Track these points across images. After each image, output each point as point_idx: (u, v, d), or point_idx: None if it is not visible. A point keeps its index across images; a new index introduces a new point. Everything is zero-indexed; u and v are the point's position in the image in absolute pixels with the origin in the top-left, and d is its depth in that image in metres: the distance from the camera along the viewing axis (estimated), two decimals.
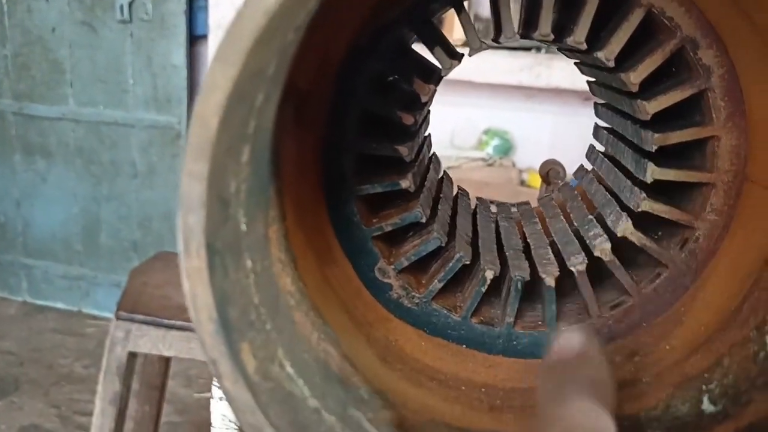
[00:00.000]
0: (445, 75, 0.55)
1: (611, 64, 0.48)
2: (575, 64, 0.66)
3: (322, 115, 0.51)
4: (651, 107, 0.48)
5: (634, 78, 0.47)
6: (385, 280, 0.53)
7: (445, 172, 0.68)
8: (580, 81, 0.70)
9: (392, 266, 0.52)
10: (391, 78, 0.55)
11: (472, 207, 0.65)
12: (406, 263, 0.52)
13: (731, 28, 0.44)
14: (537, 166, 0.91)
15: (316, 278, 0.46)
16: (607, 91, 0.60)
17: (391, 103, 0.52)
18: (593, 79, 0.65)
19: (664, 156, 0.49)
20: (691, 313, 0.49)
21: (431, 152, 0.66)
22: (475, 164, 2.64)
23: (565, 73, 2.37)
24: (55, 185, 2.60)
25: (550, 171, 0.81)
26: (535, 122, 2.71)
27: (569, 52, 0.59)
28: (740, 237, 0.48)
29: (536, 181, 2.43)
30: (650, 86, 0.49)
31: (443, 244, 0.53)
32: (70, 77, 2.46)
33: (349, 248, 0.53)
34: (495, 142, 2.68)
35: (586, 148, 0.67)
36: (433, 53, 0.54)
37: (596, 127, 0.67)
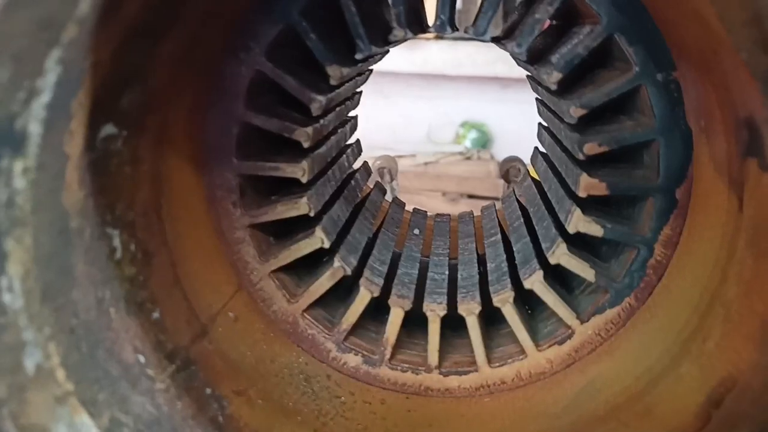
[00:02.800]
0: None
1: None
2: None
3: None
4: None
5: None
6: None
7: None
8: None
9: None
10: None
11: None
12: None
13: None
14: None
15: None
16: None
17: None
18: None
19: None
20: None
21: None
22: (453, 158, 2.60)
23: None
24: None
25: (509, 169, 0.77)
26: (512, 113, 2.67)
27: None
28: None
29: None
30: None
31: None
32: None
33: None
34: (472, 134, 2.64)
35: None
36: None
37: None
